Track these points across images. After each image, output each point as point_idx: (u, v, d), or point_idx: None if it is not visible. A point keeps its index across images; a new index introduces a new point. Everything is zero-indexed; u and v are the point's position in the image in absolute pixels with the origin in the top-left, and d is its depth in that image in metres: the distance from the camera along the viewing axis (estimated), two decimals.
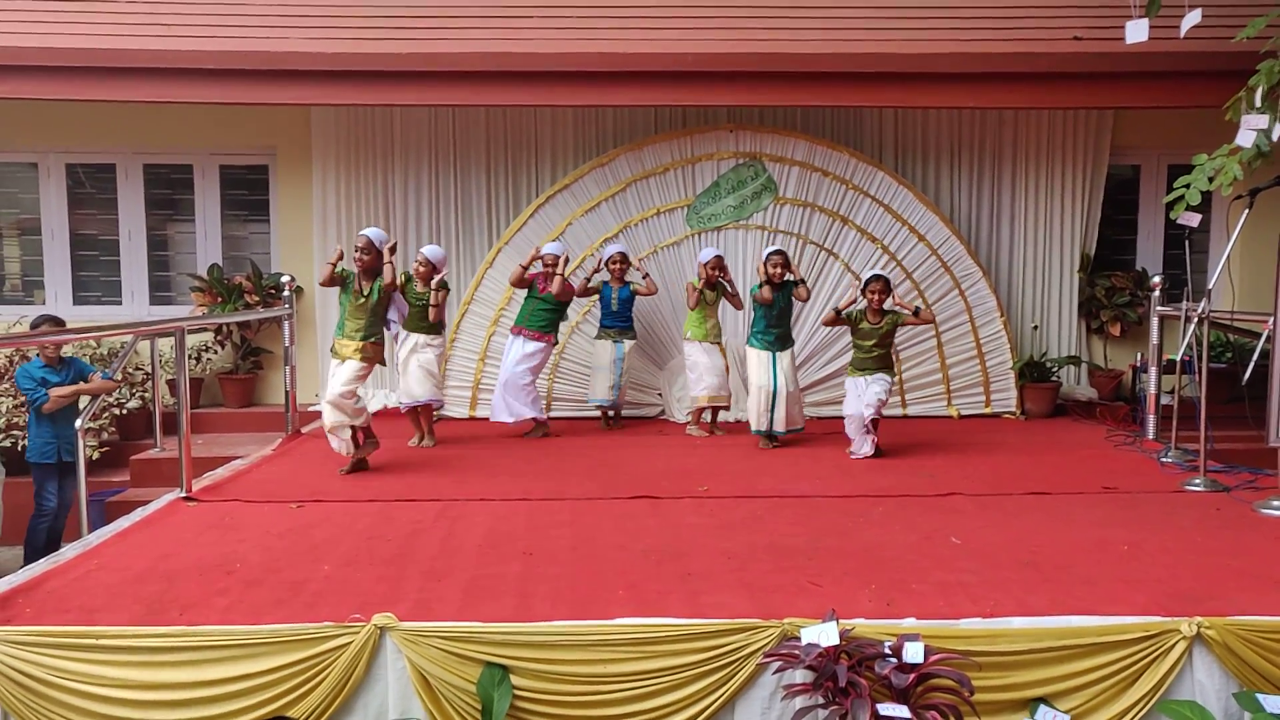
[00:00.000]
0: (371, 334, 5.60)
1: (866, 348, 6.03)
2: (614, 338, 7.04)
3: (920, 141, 8.04)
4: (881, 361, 6.03)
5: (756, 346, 6.35)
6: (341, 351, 5.59)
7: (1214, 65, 6.63)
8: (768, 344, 6.31)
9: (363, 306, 5.57)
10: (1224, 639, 3.19)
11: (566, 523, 4.53)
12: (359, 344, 5.55)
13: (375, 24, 7.06)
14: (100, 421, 7.06)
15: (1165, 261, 8.25)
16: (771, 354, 6.29)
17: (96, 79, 6.77)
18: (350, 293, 5.59)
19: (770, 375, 6.26)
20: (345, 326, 5.61)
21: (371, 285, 5.58)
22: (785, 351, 6.35)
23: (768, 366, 6.28)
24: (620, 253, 7.03)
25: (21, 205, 8.21)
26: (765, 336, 6.32)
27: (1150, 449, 6.21)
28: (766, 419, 6.27)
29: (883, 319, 6.02)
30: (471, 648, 3.18)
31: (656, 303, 7.53)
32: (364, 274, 5.59)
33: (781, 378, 6.27)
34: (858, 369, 6.05)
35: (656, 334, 7.66)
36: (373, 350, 5.60)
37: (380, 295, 5.59)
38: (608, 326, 7.07)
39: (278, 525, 4.54)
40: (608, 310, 7.05)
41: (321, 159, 7.90)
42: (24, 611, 3.39)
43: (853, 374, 6.09)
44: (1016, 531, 4.35)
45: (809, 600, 3.44)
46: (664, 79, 6.90)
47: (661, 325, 7.67)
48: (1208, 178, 5.31)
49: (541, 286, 6.72)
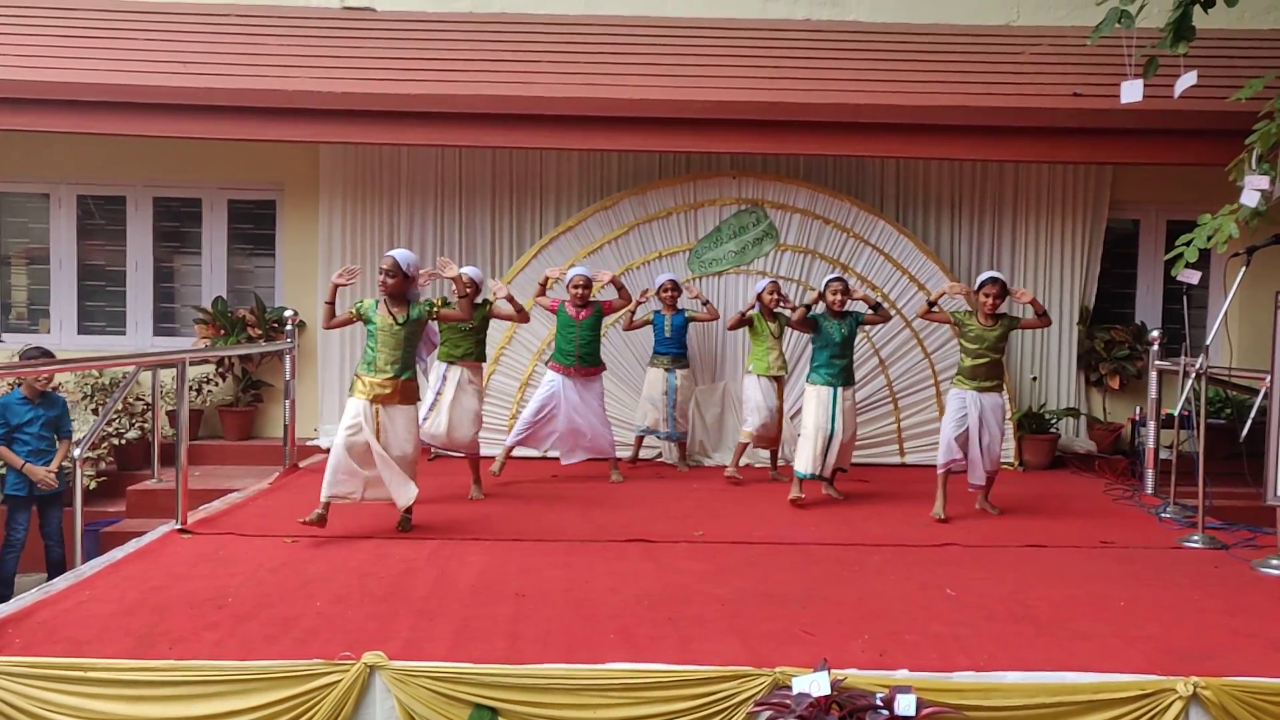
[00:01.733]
0: (409, 367, 5.01)
1: (975, 352, 5.55)
2: (667, 366, 7.04)
3: (921, 192, 8.12)
4: (993, 371, 5.60)
5: (818, 382, 5.91)
6: (371, 390, 4.87)
7: (1212, 124, 6.72)
8: (830, 378, 5.88)
9: (397, 334, 4.93)
10: (1220, 700, 3.17)
11: (559, 565, 4.51)
12: (399, 382, 4.92)
13: (384, 65, 7.19)
14: (99, 451, 7.06)
15: (1164, 316, 8.29)
16: (834, 390, 5.87)
17: (110, 113, 6.87)
18: (376, 320, 4.95)
19: (830, 417, 5.84)
20: (376, 359, 4.92)
21: (406, 311, 4.96)
22: (849, 388, 5.96)
23: (828, 406, 5.85)
24: (671, 280, 7.07)
25: (31, 235, 8.29)
26: (829, 370, 5.89)
27: (1148, 504, 6.19)
28: (820, 463, 5.86)
29: (996, 322, 5.59)
30: (461, 689, 3.16)
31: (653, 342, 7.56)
32: (392, 299, 4.99)
33: (840, 420, 5.87)
34: (967, 379, 5.60)
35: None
36: (412, 390, 5.03)
37: (417, 321, 5.00)
38: (661, 354, 7.07)
39: (271, 559, 4.52)
40: (660, 338, 7.07)
41: (328, 196, 7.99)
42: (14, 642, 3.37)
43: (960, 384, 5.63)
44: (1012, 584, 4.33)
45: (801, 649, 3.42)
46: (668, 125, 7.00)
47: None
48: (1206, 236, 5.37)
49: (575, 314, 6.46)
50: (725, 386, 7.70)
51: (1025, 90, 7.14)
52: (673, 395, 7.02)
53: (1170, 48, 5.50)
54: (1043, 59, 7.45)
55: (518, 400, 7.56)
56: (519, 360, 7.62)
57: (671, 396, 7.02)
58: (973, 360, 5.59)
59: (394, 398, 4.91)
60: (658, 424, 7.05)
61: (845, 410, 5.91)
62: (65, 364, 5.95)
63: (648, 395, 7.08)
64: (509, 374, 7.62)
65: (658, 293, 7.07)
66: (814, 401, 5.91)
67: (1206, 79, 5.69)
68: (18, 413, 5.90)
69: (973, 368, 5.59)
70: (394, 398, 4.91)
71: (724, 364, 7.78)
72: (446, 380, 5.92)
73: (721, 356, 7.78)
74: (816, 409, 5.88)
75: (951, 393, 5.71)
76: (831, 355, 5.90)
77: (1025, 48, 7.61)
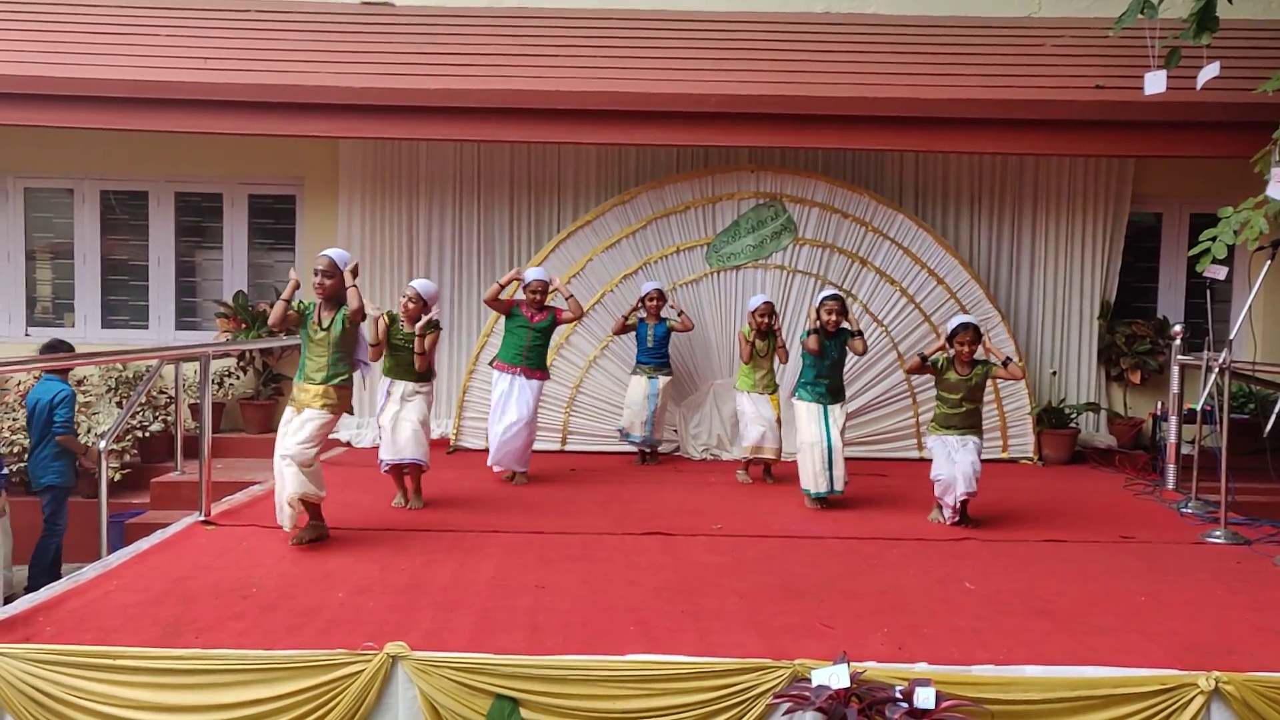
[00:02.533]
0: (336, 375, 4.64)
1: (953, 401, 5.33)
2: (649, 374, 7.04)
3: (941, 185, 8.08)
4: (971, 419, 5.37)
5: (806, 399, 5.76)
6: (299, 398, 4.64)
7: (1236, 116, 6.65)
8: (818, 396, 5.72)
9: (323, 341, 4.64)
10: (1243, 695, 3.15)
11: (578, 557, 4.54)
12: (321, 388, 4.61)
13: (403, 60, 7.21)
14: (123, 444, 7.14)
15: (1186, 310, 8.22)
16: (823, 407, 5.71)
17: (133, 109, 6.94)
18: (309, 326, 4.68)
19: (823, 430, 5.65)
20: (305, 367, 4.67)
21: (334, 316, 4.67)
22: (837, 404, 5.79)
23: (819, 420, 5.68)
24: (657, 289, 7.06)
25: (56, 230, 8.38)
26: (815, 388, 5.73)
27: (1170, 499, 6.15)
28: (825, 478, 5.64)
29: (972, 370, 5.35)
30: (482, 679, 3.18)
31: (675, 338, 7.56)
32: (326, 302, 4.69)
33: (835, 433, 5.69)
34: (943, 426, 5.37)
35: (674, 370, 7.66)
36: (338, 396, 4.66)
37: (345, 327, 4.64)
38: (643, 363, 7.08)
39: (293, 551, 4.57)
40: (643, 347, 7.08)
41: (348, 190, 8.04)
42: (44, 630, 3.43)
43: (936, 432, 5.41)
44: (1031, 579, 4.32)
45: (820, 642, 3.43)
46: (687, 119, 6.99)
47: (679, 361, 7.68)
48: (1233, 230, 5.31)
49: (531, 315, 6.29)
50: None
51: (1047, 83, 7.09)
52: (653, 401, 7.03)
53: (1194, 39, 5.45)
54: (1064, 51, 7.39)
55: None
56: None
57: (652, 402, 7.03)
58: (949, 409, 5.35)
59: (315, 401, 4.60)
60: (633, 428, 7.05)
61: (837, 423, 5.72)
62: (90, 358, 6.04)
63: (630, 400, 7.09)
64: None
65: (643, 301, 7.05)
66: (804, 415, 5.73)
67: (1230, 70, 5.63)
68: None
69: (948, 415, 5.35)
70: (315, 401, 4.60)
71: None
72: (389, 396, 5.62)
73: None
74: (808, 422, 5.69)
75: (931, 440, 5.45)
76: (818, 374, 5.74)
77: (1047, 39, 7.55)
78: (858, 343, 5.81)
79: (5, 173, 8.19)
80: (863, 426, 7.56)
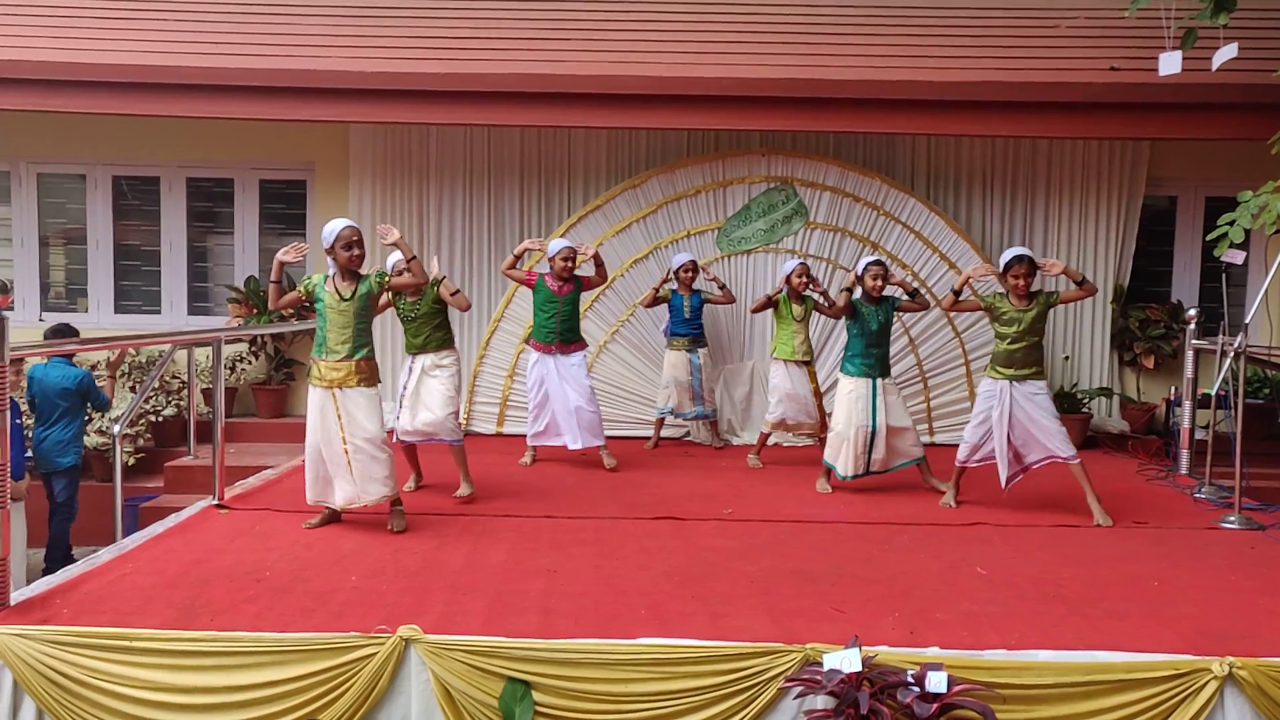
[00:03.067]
0: (363, 345, 4.58)
1: (1012, 336, 5.05)
2: (687, 347, 6.98)
3: (953, 169, 8.03)
4: (1032, 355, 5.07)
5: (854, 373, 5.56)
6: (329, 376, 4.52)
7: (1253, 98, 6.58)
8: (867, 369, 5.54)
9: (346, 312, 4.54)
10: (1256, 680, 3.15)
11: (590, 541, 4.55)
12: (353, 364, 4.53)
13: (414, 44, 7.19)
14: (137, 428, 7.19)
15: (1201, 294, 8.16)
16: (871, 381, 5.52)
17: (145, 94, 6.95)
18: (325, 298, 4.57)
19: (870, 410, 5.48)
20: (327, 340, 4.55)
21: (354, 286, 4.58)
22: (887, 378, 5.61)
23: (867, 400, 5.49)
24: (690, 260, 7.02)
25: (68, 215, 8.41)
26: (865, 360, 5.55)
27: (1183, 484, 6.12)
28: (863, 461, 5.50)
29: (1031, 302, 5.09)
30: (495, 662, 3.20)
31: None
32: (344, 273, 4.61)
33: (884, 412, 5.52)
34: (1003, 366, 5.08)
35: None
36: (369, 368, 4.61)
37: (366, 296, 4.59)
38: (680, 335, 7.00)
39: (306, 535, 4.60)
40: (679, 318, 7.02)
41: (358, 175, 8.04)
42: (61, 612, 3.47)
43: (996, 375, 5.11)
44: (1043, 563, 4.31)
45: (832, 626, 3.43)
46: (698, 103, 6.95)
47: None
48: (1251, 215, 5.26)
49: (558, 288, 6.17)
50: (753, 366, 7.69)
51: (1061, 64, 7.02)
52: (698, 375, 7.02)
53: (1210, 19, 5.38)
54: (1079, 32, 7.31)
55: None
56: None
57: (697, 376, 7.02)
58: (1009, 345, 5.08)
59: (350, 379, 4.53)
60: (683, 405, 7.03)
61: (890, 402, 5.57)
62: (103, 342, 6.06)
63: (672, 378, 7.02)
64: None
65: (677, 273, 7.02)
66: (849, 397, 5.55)
67: (1247, 51, 5.56)
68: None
69: (1008, 354, 5.07)
70: (350, 379, 4.53)
71: (751, 345, 7.76)
72: (411, 372, 5.44)
73: (750, 338, 7.75)
74: (852, 405, 5.52)
75: (982, 384, 5.23)
76: (868, 344, 5.57)
77: (1061, 21, 7.47)
78: (920, 300, 5.70)
79: (18, 158, 8.22)
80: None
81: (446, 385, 5.39)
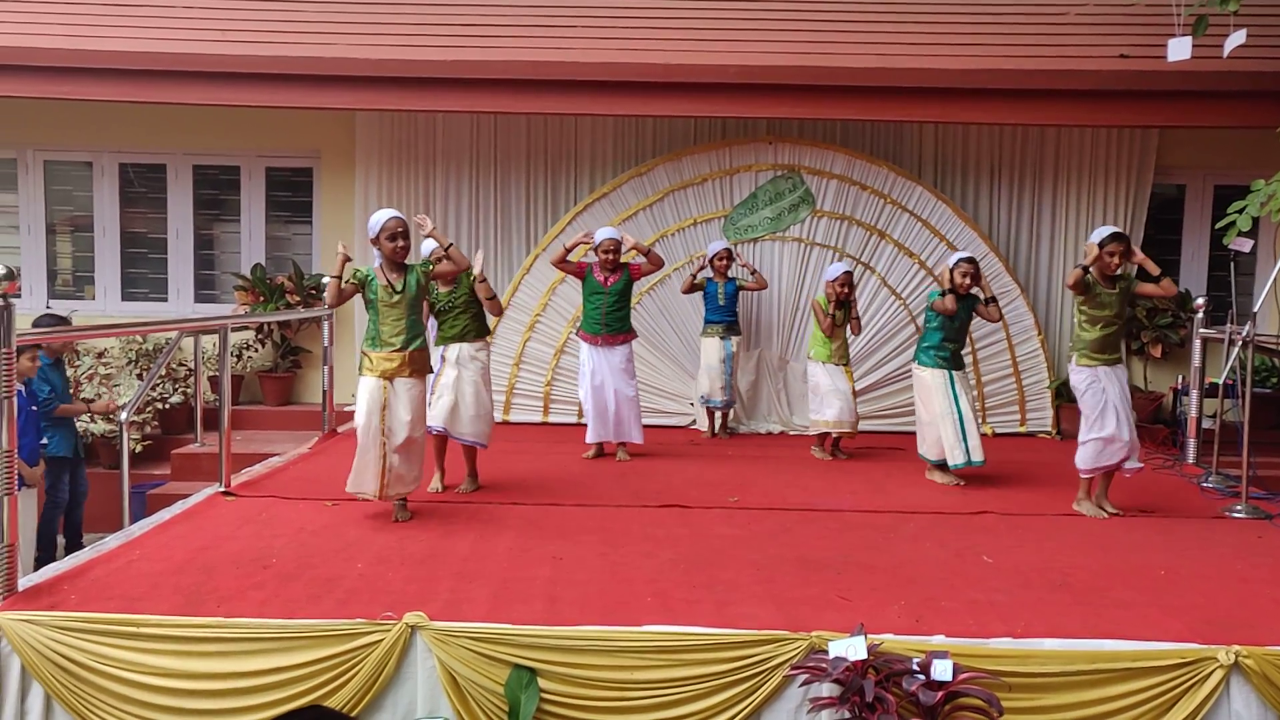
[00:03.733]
0: (417, 336, 4.60)
1: (1108, 319, 4.88)
2: (722, 334, 6.97)
3: (960, 157, 7.99)
4: (1120, 338, 4.99)
5: (929, 364, 5.58)
6: (383, 367, 4.52)
7: (1263, 85, 6.53)
8: (943, 361, 5.56)
9: (400, 304, 4.55)
10: (1263, 669, 3.14)
11: (596, 529, 4.56)
12: (407, 354, 4.54)
13: (420, 32, 7.17)
14: (143, 415, 7.21)
15: (1209, 283, 8.11)
16: (948, 373, 5.56)
17: (151, 81, 6.94)
18: (378, 291, 4.56)
19: (951, 398, 5.50)
20: (381, 333, 4.56)
21: (403, 276, 4.59)
22: (961, 372, 5.65)
23: (946, 389, 5.51)
24: (726, 248, 7.02)
25: (75, 203, 8.42)
26: (941, 353, 5.57)
27: (1190, 473, 6.11)
28: (961, 449, 5.46)
29: (1115, 284, 4.92)
30: (500, 649, 3.21)
31: (689, 310, 7.55)
32: (390, 265, 4.61)
33: (964, 398, 5.53)
34: (1097, 353, 4.91)
35: (688, 341, 7.66)
36: (423, 360, 4.65)
37: (417, 285, 4.61)
38: (715, 322, 6.99)
39: (313, 522, 4.61)
40: (715, 306, 7.01)
41: (365, 163, 8.02)
42: (69, 598, 3.48)
43: (1091, 362, 4.91)
44: (1049, 552, 4.30)
45: (837, 614, 3.43)
46: (705, 90, 6.93)
47: (695, 331, 7.66)
48: (1260, 203, 5.23)
49: (605, 279, 6.15)
50: (760, 353, 7.67)
51: (1070, 52, 6.97)
52: (729, 363, 7.01)
53: (1220, 5, 5.34)
54: (1089, 19, 7.26)
55: (552, 367, 7.60)
56: (554, 327, 7.64)
57: (729, 364, 7.01)
58: (1102, 330, 4.87)
59: (403, 370, 4.53)
60: (714, 393, 7.01)
61: (964, 390, 5.59)
62: (110, 329, 6.09)
63: (707, 364, 7.00)
64: (544, 341, 7.65)
65: (712, 261, 6.98)
66: (930, 384, 5.57)
67: (1258, 38, 5.53)
68: (51, 377, 5.98)
69: (1103, 339, 4.88)
70: (403, 370, 4.53)
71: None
72: (445, 361, 5.30)
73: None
74: (935, 393, 5.53)
75: (1078, 374, 4.95)
76: (945, 338, 5.60)
77: (1071, 7, 7.41)
78: (993, 309, 5.70)
79: (25, 146, 8.22)
80: (880, 400, 7.54)
81: (485, 385, 5.35)
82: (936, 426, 5.58)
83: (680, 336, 7.64)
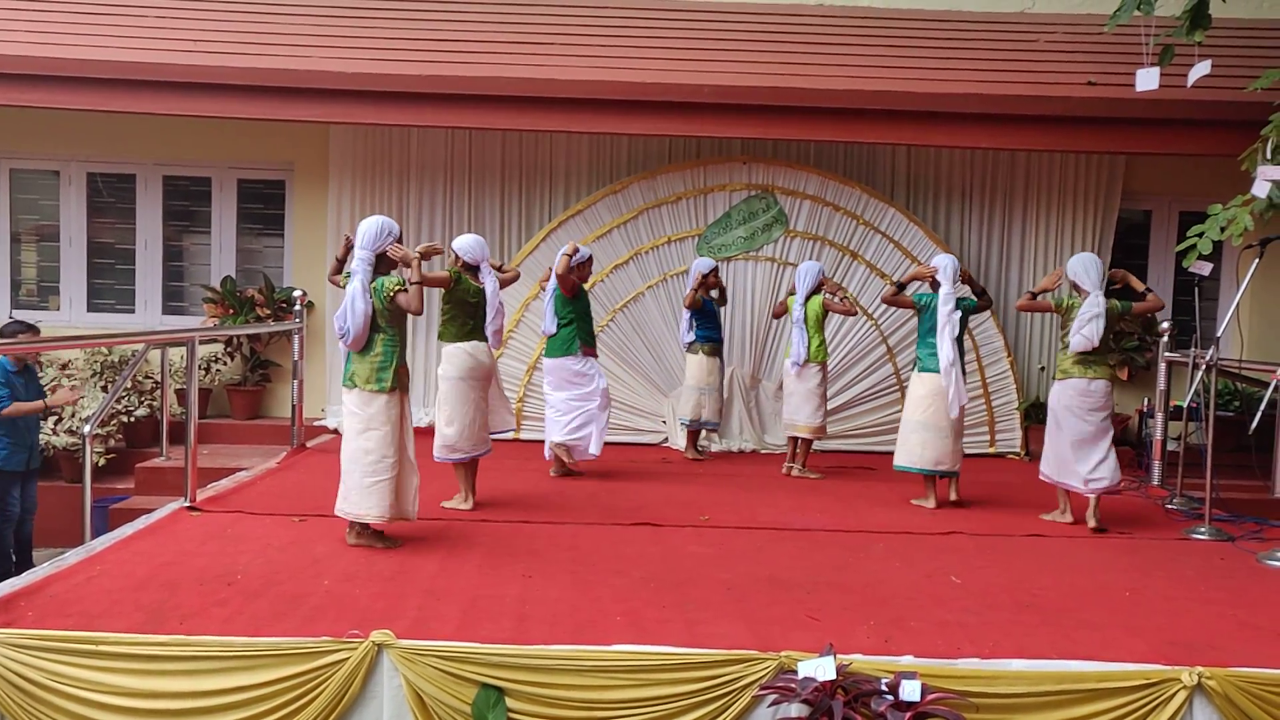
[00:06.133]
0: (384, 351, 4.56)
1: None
2: (709, 352, 6.87)
3: (932, 180, 8.09)
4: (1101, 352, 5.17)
5: (934, 368, 5.53)
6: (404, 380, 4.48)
7: (1227, 115, 6.67)
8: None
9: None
10: (1225, 690, 3.18)
11: (566, 547, 4.53)
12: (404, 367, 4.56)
13: (396, 45, 7.16)
14: (108, 428, 7.09)
15: (1174, 308, 8.25)
16: None
17: (122, 91, 6.87)
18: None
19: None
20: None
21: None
22: None
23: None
24: (715, 266, 6.95)
25: (41, 212, 8.30)
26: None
27: (1155, 495, 6.19)
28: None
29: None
30: (468, 668, 3.18)
31: (662, 327, 7.57)
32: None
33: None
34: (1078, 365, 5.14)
35: (662, 358, 7.66)
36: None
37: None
38: (710, 339, 6.88)
39: (279, 538, 4.55)
40: (713, 322, 6.92)
41: (338, 176, 7.98)
42: (26, 615, 3.40)
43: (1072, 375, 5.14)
44: (1017, 573, 4.33)
45: (807, 634, 3.43)
46: (679, 110, 6.96)
47: (669, 349, 7.67)
48: (1220, 227, 5.34)
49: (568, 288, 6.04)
50: (733, 372, 7.68)
51: (1039, 78, 7.09)
52: (723, 381, 7.01)
53: (1186, 36, 5.46)
54: (1058, 46, 7.39)
55: (524, 383, 7.56)
56: (527, 343, 7.61)
57: (722, 382, 7.01)
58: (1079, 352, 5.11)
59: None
60: (711, 414, 6.90)
61: None
62: (75, 340, 5.99)
63: (698, 382, 6.83)
64: (516, 358, 7.61)
65: (706, 278, 6.85)
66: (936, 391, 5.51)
67: (1222, 68, 5.65)
68: (13, 382, 5.84)
69: (1082, 354, 5.12)
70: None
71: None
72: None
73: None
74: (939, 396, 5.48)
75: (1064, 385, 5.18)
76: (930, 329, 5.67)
77: (1040, 35, 7.55)
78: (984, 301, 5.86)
79: None
80: (851, 420, 7.58)
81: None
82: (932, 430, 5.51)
83: (653, 353, 7.65)
